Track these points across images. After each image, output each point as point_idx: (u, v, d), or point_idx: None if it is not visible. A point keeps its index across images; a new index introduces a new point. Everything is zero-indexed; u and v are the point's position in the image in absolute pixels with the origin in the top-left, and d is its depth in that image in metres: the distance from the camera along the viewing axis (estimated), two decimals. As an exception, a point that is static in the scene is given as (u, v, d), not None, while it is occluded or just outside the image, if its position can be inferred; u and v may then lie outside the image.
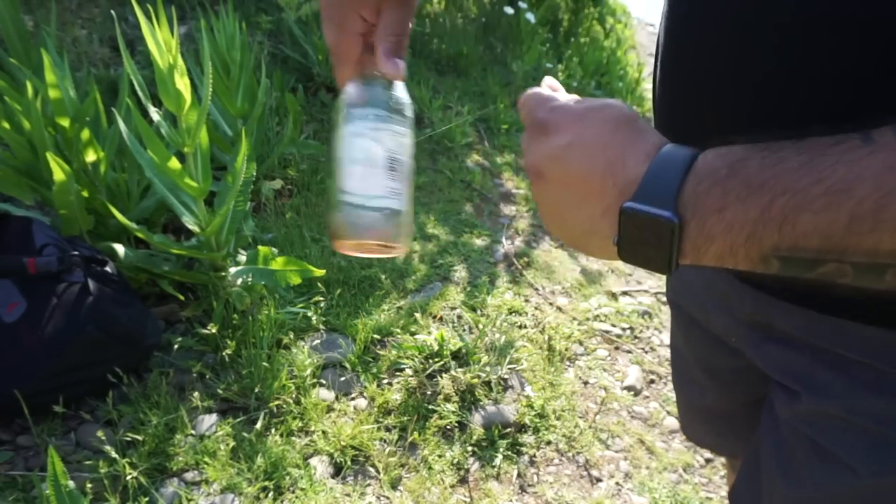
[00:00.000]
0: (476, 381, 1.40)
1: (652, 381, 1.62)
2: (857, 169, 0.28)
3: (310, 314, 1.46)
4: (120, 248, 1.32)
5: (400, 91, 0.48)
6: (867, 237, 0.28)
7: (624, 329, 1.78)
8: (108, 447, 1.04)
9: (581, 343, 1.66)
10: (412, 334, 1.49)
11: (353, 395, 1.35)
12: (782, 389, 0.51)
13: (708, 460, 1.43)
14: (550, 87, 0.44)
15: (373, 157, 0.45)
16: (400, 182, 0.46)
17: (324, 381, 1.35)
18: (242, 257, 1.41)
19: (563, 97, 0.43)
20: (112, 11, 1.67)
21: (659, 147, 0.35)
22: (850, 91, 0.37)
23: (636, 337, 1.76)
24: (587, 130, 0.38)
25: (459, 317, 1.60)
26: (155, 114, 1.16)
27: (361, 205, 0.45)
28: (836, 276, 0.30)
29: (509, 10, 3.04)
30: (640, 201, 0.34)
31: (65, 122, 1.25)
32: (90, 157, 1.31)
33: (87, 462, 1.08)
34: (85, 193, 1.28)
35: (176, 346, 1.31)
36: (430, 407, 1.33)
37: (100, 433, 1.07)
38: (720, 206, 0.32)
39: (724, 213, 0.32)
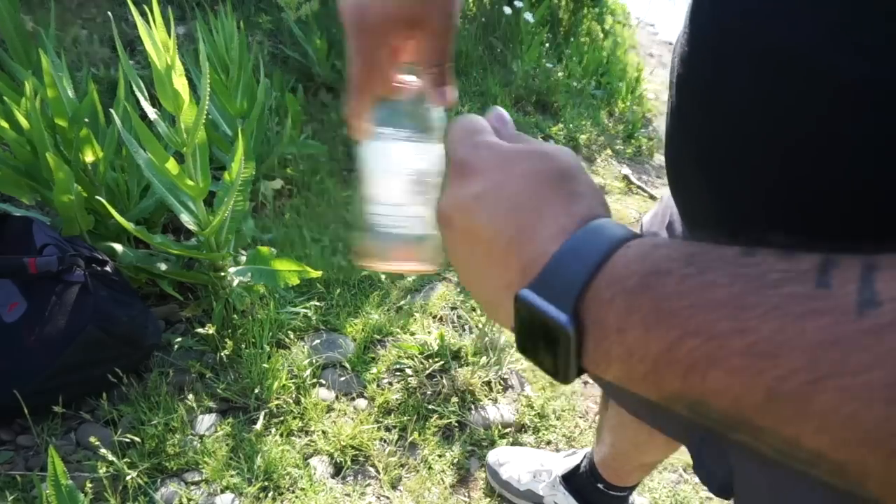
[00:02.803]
0: (476, 380, 1.40)
1: (652, 381, 1.62)
2: (792, 330, 0.21)
3: (310, 314, 1.46)
4: (120, 248, 1.32)
5: (430, 111, 0.45)
6: (786, 426, 0.22)
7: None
8: (107, 447, 1.04)
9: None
10: (412, 334, 1.49)
11: (353, 395, 1.35)
12: None
13: (708, 460, 1.43)
14: (495, 118, 0.38)
15: (399, 179, 0.43)
16: (426, 204, 0.43)
17: (324, 381, 1.35)
18: (242, 257, 1.41)
19: (502, 133, 0.36)
20: (109, 13, 1.67)
21: (585, 220, 0.29)
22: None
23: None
24: (507, 181, 0.31)
25: (459, 317, 1.60)
26: (153, 114, 1.16)
27: (385, 229, 0.43)
28: (754, 448, 0.24)
29: (509, 10, 3.04)
30: (538, 292, 0.27)
31: (63, 122, 1.26)
32: (89, 157, 1.31)
33: (87, 462, 1.09)
34: (84, 193, 1.28)
35: (176, 346, 1.31)
36: (430, 407, 1.33)
37: (98, 434, 1.07)
38: (621, 325, 0.25)
39: (624, 336, 0.25)
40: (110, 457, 1.04)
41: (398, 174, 0.43)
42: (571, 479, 1.14)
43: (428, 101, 0.45)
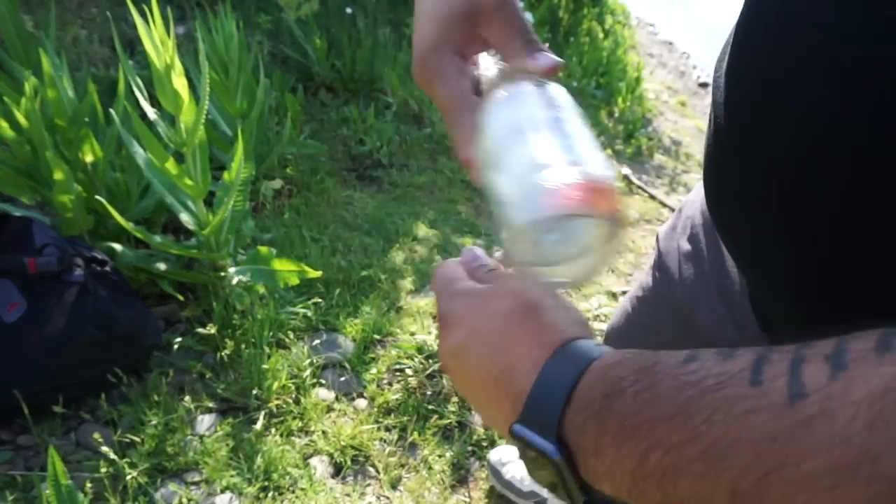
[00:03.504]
0: (476, 380, 1.40)
1: (652, 381, 1.62)
2: (736, 430, 0.23)
3: (309, 314, 1.46)
4: (119, 248, 1.32)
5: (554, 88, 0.39)
6: None
7: (624, 329, 1.78)
8: (107, 447, 1.04)
9: (581, 343, 1.66)
10: (412, 334, 1.49)
11: (353, 395, 1.35)
12: None
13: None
14: (468, 259, 0.39)
15: (551, 130, 0.36)
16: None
17: (324, 381, 1.35)
18: (242, 257, 1.41)
19: (476, 274, 0.38)
20: (108, 13, 1.67)
21: (554, 348, 0.31)
22: None
23: (636, 336, 1.76)
24: (481, 326, 0.34)
25: (459, 316, 1.60)
26: (153, 114, 1.16)
27: (551, 183, 0.33)
28: None
29: (509, 10, 3.04)
30: (526, 425, 0.30)
31: (63, 122, 1.26)
32: (89, 157, 1.31)
33: (87, 462, 1.08)
34: (84, 193, 1.28)
35: (176, 346, 1.31)
36: (430, 407, 1.33)
37: (99, 433, 1.07)
38: (597, 447, 0.28)
39: (602, 457, 0.28)
40: (111, 456, 1.04)
41: (547, 124, 0.36)
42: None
43: (535, 76, 0.39)
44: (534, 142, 0.36)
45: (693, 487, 0.24)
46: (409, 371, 1.40)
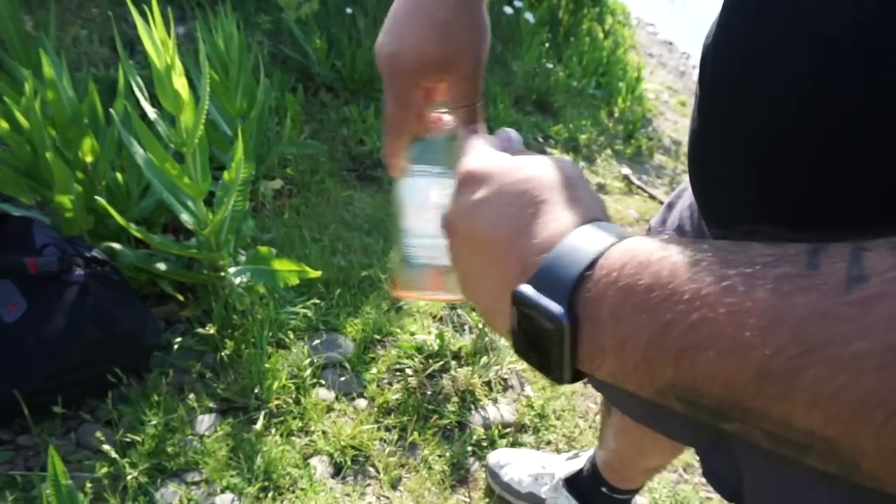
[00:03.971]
0: (476, 380, 1.40)
1: (652, 381, 1.62)
2: (780, 307, 0.21)
3: (309, 314, 1.46)
4: (119, 248, 1.32)
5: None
6: (776, 404, 0.21)
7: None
8: (107, 447, 1.04)
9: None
10: (412, 334, 1.49)
11: (353, 395, 1.35)
12: None
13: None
14: (503, 138, 0.39)
15: (431, 213, 0.45)
16: None
17: (324, 381, 1.35)
18: (242, 257, 1.41)
19: (509, 151, 0.37)
20: (108, 13, 1.67)
21: (583, 222, 0.29)
22: None
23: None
24: (509, 187, 0.32)
25: (459, 317, 1.60)
26: (153, 113, 1.16)
27: (420, 259, 0.47)
28: (749, 439, 0.23)
29: (509, 10, 3.04)
30: (535, 287, 0.28)
31: (63, 122, 1.25)
32: (89, 156, 1.31)
33: (87, 462, 1.08)
34: (84, 193, 1.28)
35: (176, 346, 1.31)
36: (430, 407, 1.33)
37: (99, 433, 1.07)
38: (614, 315, 0.26)
39: (617, 326, 0.26)
40: (112, 455, 1.04)
41: (431, 208, 0.46)
42: (574, 482, 1.14)
43: (459, 139, 0.47)
44: (422, 215, 0.47)
45: (714, 364, 0.22)
46: (409, 371, 1.40)
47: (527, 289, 0.28)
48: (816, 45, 0.34)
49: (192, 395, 1.21)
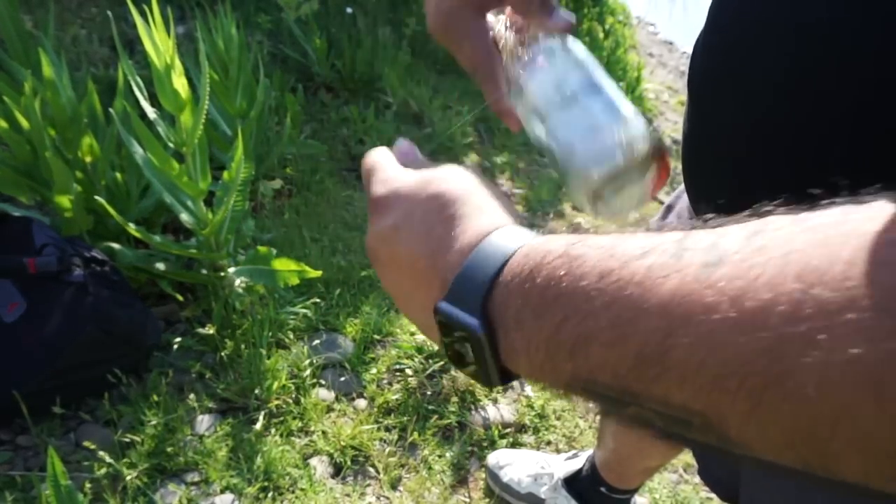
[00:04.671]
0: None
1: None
2: (648, 295, 0.23)
3: (309, 314, 1.45)
4: (119, 248, 1.32)
5: (575, 46, 0.44)
6: (655, 386, 0.23)
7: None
8: (107, 448, 1.03)
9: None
10: (412, 334, 1.49)
11: (352, 396, 1.35)
12: None
13: (708, 460, 1.43)
14: (400, 152, 0.40)
15: (594, 101, 0.41)
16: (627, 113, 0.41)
17: (324, 381, 1.35)
18: (242, 257, 1.41)
19: (408, 164, 0.38)
20: (108, 12, 1.67)
21: (488, 232, 0.31)
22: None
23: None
24: (415, 208, 0.34)
25: (459, 317, 1.60)
26: (152, 113, 1.16)
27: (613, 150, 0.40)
28: (645, 422, 0.25)
29: (509, 10, 3.04)
30: (452, 302, 0.29)
31: (63, 122, 1.25)
32: (88, 156, 1.30)
33: (87, 462, 1.08)
34: (84, 193, 1.28)
35: (175, 347, 1.31)
36: (430, 407, 1.33)
37: (96, 436, 1.06)
38: (518, 318, 0.27)
39: (521, 327, 0.27)
40: (110, 457, 1.04)
41: (590, 99, 0.41)
42: (573, 482, 1.14)
43: (554, 35, 0.43)
44: (586, 102, 0.40)
45: (602, 355, 0.24)
46: (409, 371, 1.40)
47: (444, 304, 0.30)
48: (793, 40, 0.36)
49: (191, 396, 1.21)
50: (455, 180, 0.34)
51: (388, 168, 0.38)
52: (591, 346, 0.25)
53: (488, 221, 0.31)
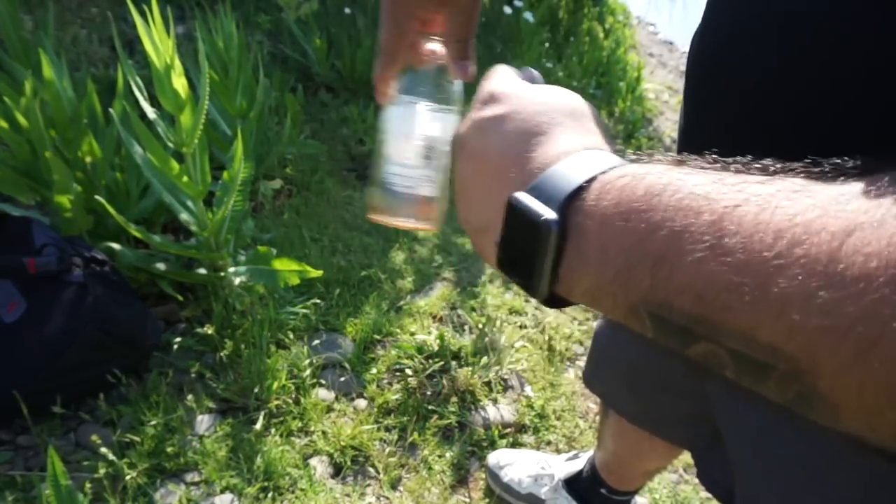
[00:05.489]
0: (476, 381, 1.40)
1: (652, 381, 1.62)
2: (763, 215, 0.21)
3: (309, 314, 1.45)
4: (119, 248, 1.32)
5: (451, 83, 0.49)
6: (744, 316, 0.21)
7: (624, 329, 1.77)
8: (107, 447, 1.03)
9: (581, 343, 1.66)
10: (412, 334, 1.49)
11: (352, 396, 1.35)
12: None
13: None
14: (525, 74, 0.40)
15: (413, 143, 0.47)
16: (435, 170, 0.48)
17: (323, 382, 1.34)
18: (242, 257, 1.41)
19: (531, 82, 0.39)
20: (108, 12, 1.67)
21: (591, 147, 0.30)
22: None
23: (636, 337, 1.76)
24: (525, 107, 0.33)
25: (459, 317, 1.60)
26: (152, 113, 1.16)
27: (396, 186, 0.47)
28: (714, 362, 0.23)
29: (508, 10, 3.04)
30: (532, 194, 0.28)
31: (63, 122, 1.25)
32: (88, 156, 1.30)
33: (87, 462, 1.08)
34: (83, 193, 1.27)
35: (175, 347, 1.31)
36: (430, 407, 1.33)
37: (95, 436, 1.06)
38: (604, 222, 0.26)
39: (603, 232, 0.26)
40: (110, 457, 1.04)
41: (413, 138, 0.47)
42: (574, 483, 1.14)
43: (449, 73, 0.49)
44: (404, 144, 0.48)
45: (691, 273, 0.22)
46: (409, 371, 1.40)
47: (522, 195, 0.29)
48: (785, 32, 0.37)
49: (191, 396, 1.21)
50: (569, 99, 0.34)
51: (511, 74, 0.39)
52: (682, 262, 0.23)
53: (591, 141, 0.31)
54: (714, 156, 0.26)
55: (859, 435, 0.20)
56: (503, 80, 0.37)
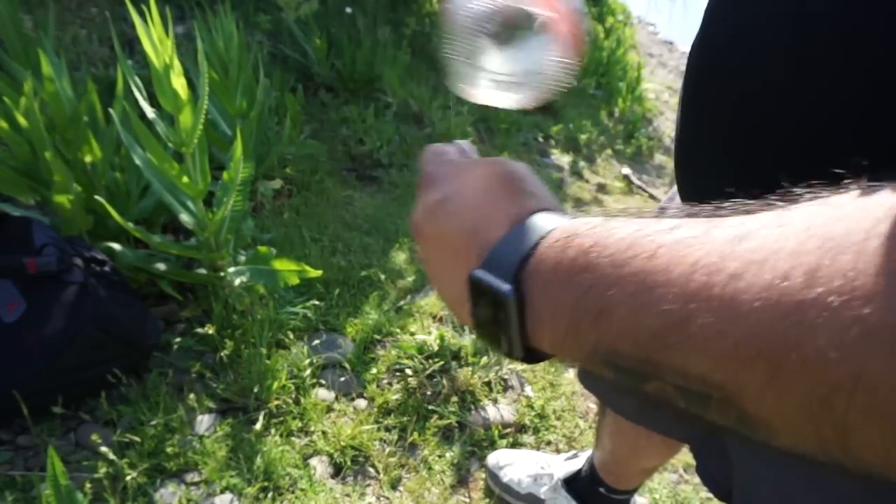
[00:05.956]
0: (476, 381, 1.40)
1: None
2: (673, 264, 0.24)
3: (309, 314, 1.45)
4: (119, 248, 1.32)
5: None
6: (675, 354, 0.23)
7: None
8: (106, 447, 1.03)
9: (581, 343, 1.66)
10: (412, 334, 1.49)
11: (352, 396, 1.35)
12: None
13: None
14: (457, 149, 0.42)
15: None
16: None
17: (323, 382, 1.34)
18: (242, 257, 1.41)
19: (465, 157, 0.41)
20: (107, 12, 1.67)
21: (534, 212, 0.32)
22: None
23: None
24: (466, 185, 0.36)
25: (459, 317, 1.60)
26: (152, 113, 1.16)
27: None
28: (666, 398, 0.25)
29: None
30: (487, 269, 0.31)
31: (62, 122, 1.25)
32: (88, 156, 1.30)
33: (87, 462, 1.08)
34: (83, 193, 1.27)
35: (175, 347, 1.31)
36: (430, 407, 1.33)
37: (95, 436, 1.06)
38: (547, 285, 0.28)
39: (549, 294, 0.28)
40: (111, 456, 1.04)
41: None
42: (573, 483, 1.14)
43: None
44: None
45: (625, 322, 0.25)
46: (409, 371, 1.40)
47: (479, 272, 0.31)
48: (791, 36, 0.37)
49: (191, 396, 1.21)
50: (505, 167, 0.36)
51: (446, 152, 0.41)
52: (615, 314, 0.25)
53: (533, 204, 0.33)
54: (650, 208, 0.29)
55: (798, 451, 0.21)
56: (437, 162, 0.39)
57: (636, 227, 0.26)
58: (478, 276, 0.31)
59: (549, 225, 0.30)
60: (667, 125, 3.30)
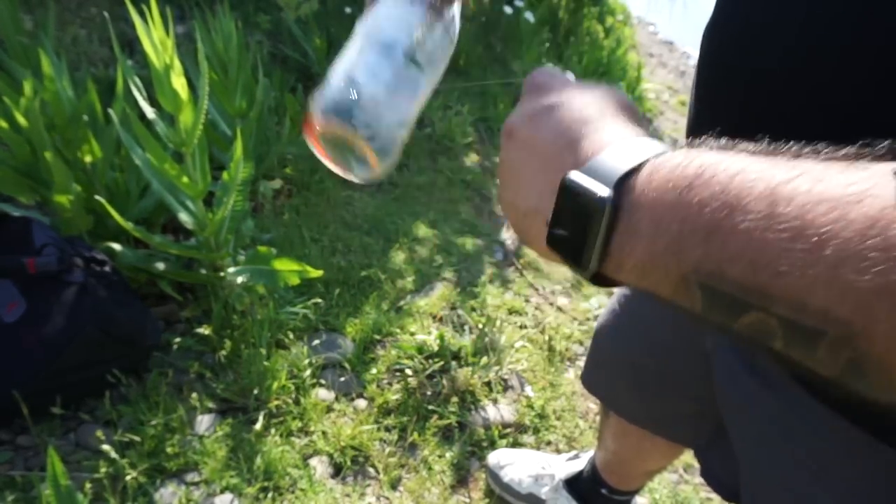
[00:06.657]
0: (476, 381, 1.40)
1: (652, 381, 1.62)
2: (819, 186, 0.22)
3: (309, 314, 1.45)
4: (119, 248, 1.32)
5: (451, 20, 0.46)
6: (796, 281, 0.21)
7: (624, 329, 1.77)
8: (107, 447, 1.03)
9: (581, 343, 1.66)
10: (412, 334, 1.49)
11: (352, 396, 1.35)
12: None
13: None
14: (567, 77, 0.43)
15: (392, 45, 0.43)
16: (415, 87, 0.44)
17: (323, 382, 1.34)
18: (241, 257, 1.41)
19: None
20: (106, 13, 1.67)
21: (644, 136, 0.32)
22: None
23: (636, 336, 1.76)
24: (575, 100, 0.35)
25: (459, 317, 1.60)
26: (151, 113, 1.16)
27: (359, 97, 0.41)
28: (763, 334, 0.23)
29: (509, 10, 3.04)
30: (586, 174, 0.30)
31: (62, 122, 1.25)
32: (88, 157, 1.30)
33: (87, 462, 1.08)
34: (83, 193, 1.27)
35: (175, 347, 1.31)
36: (430, 407, 1.33)
37: (99, 433, 1.06)
38: (657, 196, 0.27)
39: (656, 206, 0.27)
40: (112, 455, 1.04)
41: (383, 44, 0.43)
42: (574, 483, 1.13)
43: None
44: (348, 54, 0.43)
45: (744, 242, 0.23)
46: (409, 371, 1.40)
47: (577, 175, 0.30)
48: (797, 33, 0.38)
49: (191, 396, 1.21)
50: (620, 95, 0.36)
51: (557, 71, 0.40)
52: (735, 231, 0.23)
53: (641, 131, 0.32)
54: (765, 142, 0.27)
55: None
56: (552, 74, 0.39)
57: (766, 155, 0.25)
58: (573, 179, 0.30)
59: (659, 148, 0.29)
60: (667, 125, 3.30)
